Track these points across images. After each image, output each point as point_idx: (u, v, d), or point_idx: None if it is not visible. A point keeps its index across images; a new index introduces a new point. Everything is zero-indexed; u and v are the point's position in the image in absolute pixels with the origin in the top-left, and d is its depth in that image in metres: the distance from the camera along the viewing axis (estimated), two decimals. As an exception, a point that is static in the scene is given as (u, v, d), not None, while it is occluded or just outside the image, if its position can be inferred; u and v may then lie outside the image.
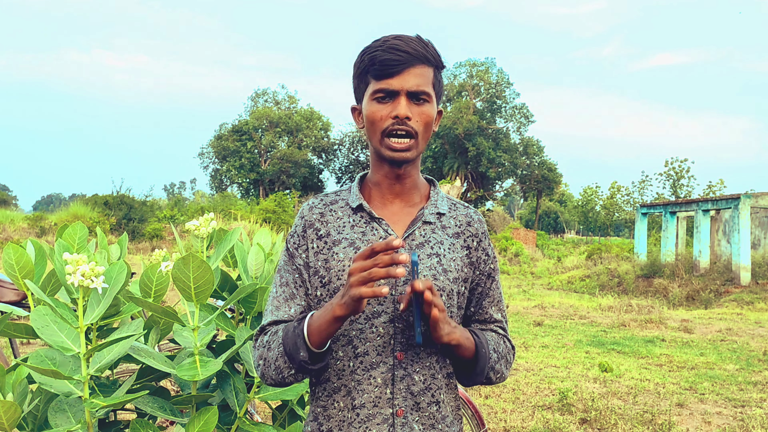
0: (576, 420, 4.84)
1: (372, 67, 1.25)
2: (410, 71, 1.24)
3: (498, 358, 1.32)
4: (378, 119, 1.25)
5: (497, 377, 1.34)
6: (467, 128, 42.55)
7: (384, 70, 1.24)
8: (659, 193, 40.04)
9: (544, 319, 10.41)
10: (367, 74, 1.27)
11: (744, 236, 15.55)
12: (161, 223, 25.32)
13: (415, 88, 1.24)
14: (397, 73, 1.24)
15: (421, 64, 1.25)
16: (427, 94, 1.26)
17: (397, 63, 1.23)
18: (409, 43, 1.24)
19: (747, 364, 7.16)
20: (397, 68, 1.23)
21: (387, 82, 1.24)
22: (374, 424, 1.23)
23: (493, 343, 1.32)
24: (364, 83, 1.30)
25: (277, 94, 51.70)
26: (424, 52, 1.25)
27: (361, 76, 1.30)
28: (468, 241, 1.35)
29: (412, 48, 1.24)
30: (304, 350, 1.18)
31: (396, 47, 1.23)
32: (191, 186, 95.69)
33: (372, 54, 1.25)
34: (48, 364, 1.58)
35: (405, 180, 1.33)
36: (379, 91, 1.25)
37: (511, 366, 1.38)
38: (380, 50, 1.24)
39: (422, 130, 1.27)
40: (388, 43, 1.24)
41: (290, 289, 1.30)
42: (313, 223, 1.33)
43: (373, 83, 1.26)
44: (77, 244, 2.04)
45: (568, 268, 23.43)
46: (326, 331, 1.16)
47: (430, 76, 1.27)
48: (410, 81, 1.24)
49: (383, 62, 1.23)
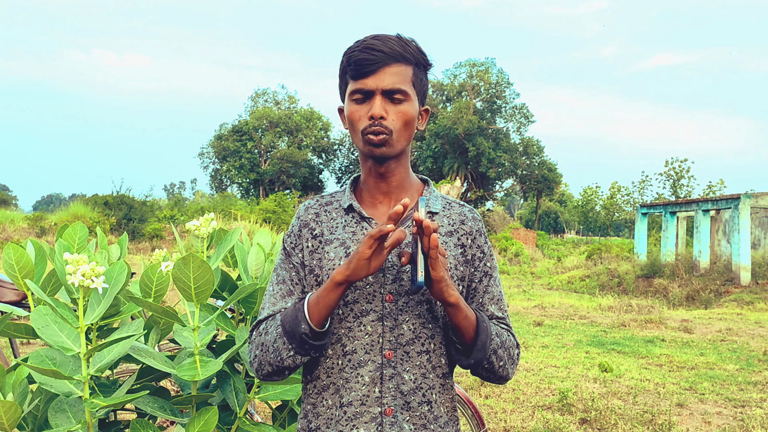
0: (576, 420, 4.84)
1: (349, 67, 1.26)
2: (385, 70, 1.24)
3: (500, 344, 1.27)
4: (356, 119, 1.27)
5: (500, 365, 1.27)
6: (467, 128, 42.54)
7: (359, 69, 1.24)
8: (659, 193, 40.02)
9: (544, 319, 10.41)
10: (346, 74, 1.28)
11: (744, 236, 15.55)
12: (161, 223, 25.32)
13: (390, 86, 1.24)
14: (371, 73, 1.24)
15: (397, 62, 1.25)
16: (403, 92, 1.25)
17: (371, 62, 1.23)
18: (386, 42, 1.24)
19: (747, 364, 7.16)
20: (372, 67, 1.24)
21: (362, 81, 1.25)
22: (362, 422, 1.23)
23: (495, 329, 1.28)
24: (344, 83, 1.31)
25: (277, 94, 51.77)
26: (401, 50, 1.25)
27: (342, 77, 1.31)
28: (462, 239, 1.34)
29: (388, 47, 1.24)
30: (305, 323, 1.18)
31: (371, 47, 1.24)
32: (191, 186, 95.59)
33: (350, 54, 1.26)
34: (48, 364, 1.58)
35: (390, 178, 1.33)
36: (356, 92, 1.26)
37: (516, 364, 1.35)
38: (357, 50, 1.25)
39: (399, 128, 1.26)
40: (364, 43, 1.25)
41: (287, 286, 1.31)
42: (309, 222, 1.35)
43: (351, 83, 1.27)
44: (77, 244, 2.04)
45: (568, 268, 23.43)
46: (325, 300, 1.17)
47: (409, 75, 1.27)
48: (385, 80, 1.24)
49: (358, 62, 1.24)
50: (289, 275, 1.32)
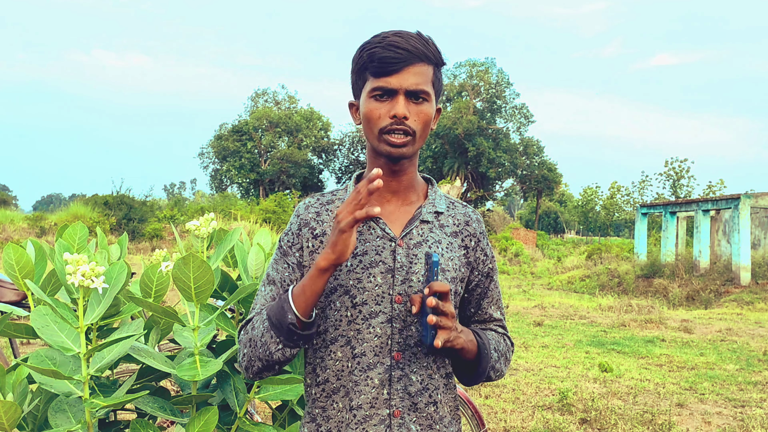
0: (576, 420, 4.84)
1: (371, 64, 1.22)
2: (409, 69, 1.21)
3: (498, 357, 1.33)
4: (376, 117, 1.23)
5: (497, 375, 1.35)
6: (467, 128, 42.54)
7: (383, 67, 1.21)
8: (659, 193, 40.04)
9: (544, 319, 10.41)
10: (366, 71, 1.25)
11: (744, 236, 15.55)
12: (161, 223, 25.31)
13: (414, 87, 1.22)
14: (396, 72, 1.21)
15: (421, 62, 1.23)
16: (426, 93, 1.23)
17: (396, 61, 1.20)
18: (409, 40, 1.22)
19: (747, 364, 7.16)
20: (396, 66, 1.21)
21: (385, 80, 1.22)
22: (371, 425, 1.22)
23: (494, 343, 1.33)
24: (362, 80, 1.27)
25: (277, 94, 51.78)
26: (423, 49, 1.23)
27: (360, 73, 1.27)
28: (466, 241, 1.34)
29: (411, 45, 1.21)
30: (291, 314, 1.16)
31: (395, 44, 1.20)
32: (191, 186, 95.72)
33: (371, 50, 1.22)
34: (48, 364, 1.58)
35: (401, 177, 1.31)
36: (378, 89, 1.23)
37: (510, 363, 1.39)
38: (379, 47, 1.21)
39: (420, 129, 1.25)
40: (387, 40, 1.21)
41: (277, 288, 1.29)
42: (309, 221, 1.32)
43: (371, 80, 1.24)
44: (77, 244, 2.04)
45: (568, 268, 23.42)
46: (310, 288, 1.15)
47: (430, 75, 1.25)
48: (409, 80, 1.21)
49: (382, 60, 1.21)
50: (281, 276, 1.29)
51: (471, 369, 1.30)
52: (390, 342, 1.23)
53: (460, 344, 1.19)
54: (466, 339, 1.22)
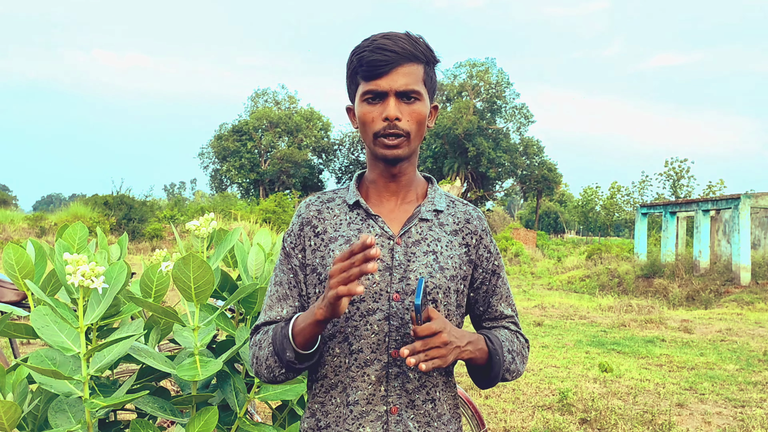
0: (576, 420, 4.84)
1: (360, 68, 1.24)
2: (398, 71, 1.23)
3: (513, 358, 1.33)
4: (369, 121, 1.25)
5: (513, 376, 1.34)
6: (467, 128, 42.55)
7: (372, 70, 1.22)
8: (659, 193, 40.02)
9: (544, 319, 10.41)
10: (357, 75, 1.26)
11: (744, 236, 15.55)
12: (161, 223, 25.32)
13: (404, 87, 1.23)
14: (385, 74, 1.22)
15: (410, 62, 1.24)
16: (416, 92, 1.24)
17: (384, 63, 1.22)
18: (397, 41, 1.23)
19: (747, 364, 7.16)
20: (385, 68, 1.22)
21: (375, 83, 1.23)
22: (368, 421, 1.23)
23: (507, 344, 1.33)
24: (354, 84, 1.29)
25: (277, 94, 51.82)
26: (412, 49, 1.24)
27: (352, 77, 1.29)
28: (467, 239, 1.35)
29: (399, 47, 1.22)
30: (291, 351, 1.19)
31: (383, 47, 1.22)
32: (191, 186, 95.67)
33: (360, 54, 1.24)
34: (48, 364, 1.58)
35: (401, 178, 1.32)
36: (368, 93, 1.24)
37: (527, 360, 1.39)
38: (368, 50, 1.23)
39: (414, 129, 1.26)
40: (375, 43, 1.23)
41: (283, 289, 1.31)
42: (311, 220, 1.33)
43: (363, 84, 1.25)
44: (77, 245, 2.04)
45: (568, 268, 23.43)
46: (310, 333, 1.17)
47: (420, 74, 1.26)
48: (398, 81, 1.22)
49: (370, 63, 1.22)
50: (287, 277, 1.31)
51: (484, 374, 1.31)
52: (387, 339, 1.24)
53: (466, 357, 1.21)
54: (474, 349, 1.22)
